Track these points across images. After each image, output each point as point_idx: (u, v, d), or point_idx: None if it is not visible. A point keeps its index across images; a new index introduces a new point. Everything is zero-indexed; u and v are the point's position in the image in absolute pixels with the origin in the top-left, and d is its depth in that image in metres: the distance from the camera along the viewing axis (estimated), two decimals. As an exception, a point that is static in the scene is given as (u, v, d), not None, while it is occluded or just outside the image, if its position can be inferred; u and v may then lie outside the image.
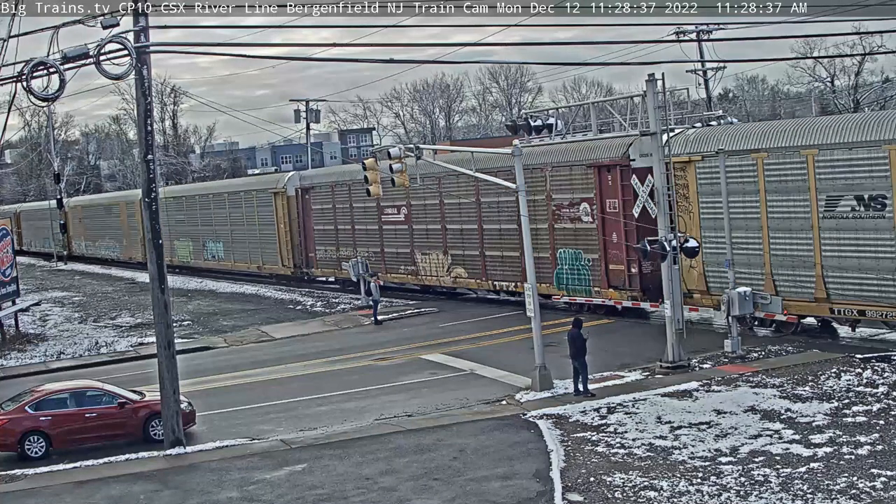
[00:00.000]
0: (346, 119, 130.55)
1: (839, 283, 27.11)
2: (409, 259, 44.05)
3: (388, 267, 44.97)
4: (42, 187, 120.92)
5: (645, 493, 16.81)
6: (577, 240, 35.27)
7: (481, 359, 29.83)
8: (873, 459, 17.58)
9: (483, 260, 39.63)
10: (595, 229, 34.25)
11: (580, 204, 34.89)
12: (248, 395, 28.21)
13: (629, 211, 32.61)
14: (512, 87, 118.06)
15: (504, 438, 20.94)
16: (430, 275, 42.92)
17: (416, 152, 28.07)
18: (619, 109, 29.54)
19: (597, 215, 33.98)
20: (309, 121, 77.15)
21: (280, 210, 52.59)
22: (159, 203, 23.19)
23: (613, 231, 33.63)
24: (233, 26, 37.64)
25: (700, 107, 57.39)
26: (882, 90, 74.77)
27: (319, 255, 50.44)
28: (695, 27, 55.77)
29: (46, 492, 20.05)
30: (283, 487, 18.93)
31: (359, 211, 46.67)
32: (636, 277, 32.99)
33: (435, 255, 42.46)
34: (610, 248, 33.88)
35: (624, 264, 33.38)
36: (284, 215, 52.24)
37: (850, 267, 26.80)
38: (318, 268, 51.04)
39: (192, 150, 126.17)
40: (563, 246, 35.78)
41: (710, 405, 22.10)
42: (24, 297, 48.09)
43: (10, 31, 21.36)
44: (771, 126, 30.65)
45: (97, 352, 37.73)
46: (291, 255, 52.49)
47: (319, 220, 50.11)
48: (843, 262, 27.01)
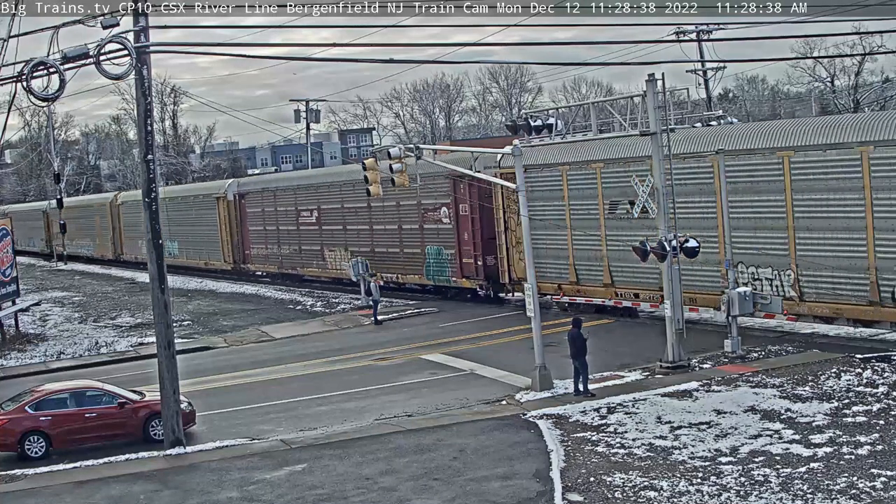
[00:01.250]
0: (346, 119, 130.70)
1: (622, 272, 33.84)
2: (320, 255, 50.89)
3: (304, 262, 52.33)
4: (42, 187, 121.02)
5: (645, 493, 16.81)
6: (440, 238, 42.03)
7: (481, 359, 29.83)
8: (873, 459, 17.58)
9: (373, 255, 45.63)
10: (452, 229, 41.13)
11: (441, 208, 41.84)
12: (248, 395, 28.21)
13: (476, 215, 39.96)
14: (512, 87, 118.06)
15: (504, 438, 20.95)
16: (336, 268, 49.36)
17: (416, 152, 28.11)
18: (619, 109, 29.51)
19: (452, 217, 40.96)
20: (309, 121, 77.22)
21: (222, 213, 59.50)
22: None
23: (465, 231, 40.51)
24: (233, 26, 37.89)
25: (700, 107, 57.41)
26: (882, 90, 74.75)
27: (254, 252, 57.68)
28: (695, 27, 55.79)
29: (46, 492, 20.05)
30: (283, 487, 18.93)
31: (282, 214, 53.86)
32: (482, 269, 40.08)
33: (339, 252, 49.13)
34: (463, 245, 40.76)
35: (472, 258, 40.47)
36: (225, 217, 59.26)
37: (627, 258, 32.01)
38: (253, 263, 58.29)
39: (192, 150, 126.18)
40: (430, 243, 42.63)
41: (710, 405, 22.10)
42: (24, 297, 48.09)
43: (10, 31, 21.37)
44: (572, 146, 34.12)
45: (97, 352, 37.73)
46: (231, 253, 59.51)
47: (253, 222, 57.18)
48: (622, 255, 32.96)
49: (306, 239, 51.87)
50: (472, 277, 40.60)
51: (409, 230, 43.81)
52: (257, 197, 56.83)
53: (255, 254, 57.60)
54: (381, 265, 44.94)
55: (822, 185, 27.41)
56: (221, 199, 59.62)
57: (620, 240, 32.94)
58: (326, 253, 50.25)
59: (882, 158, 25.98)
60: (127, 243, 73.67)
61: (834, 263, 27.20)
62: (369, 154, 77.08)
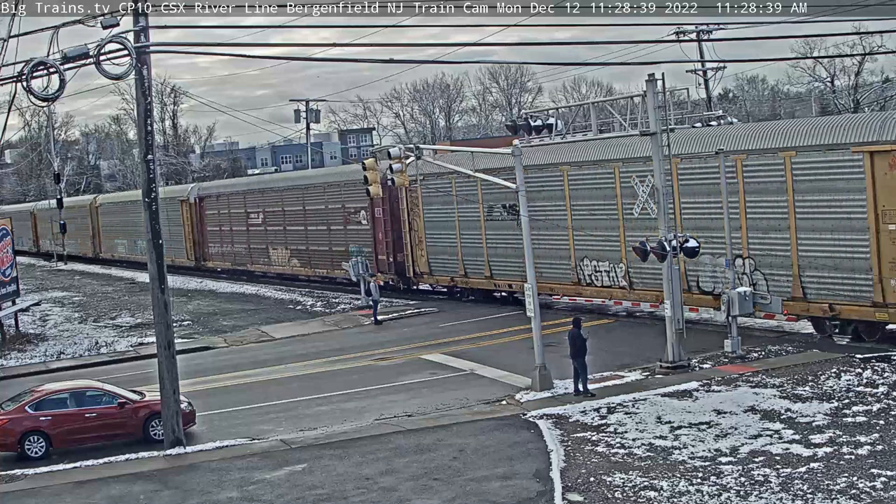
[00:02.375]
0: (346, 119, 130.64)
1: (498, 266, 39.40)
2: (265, 253, 56.64)
3: (253, 260, 58.21)
4: (42, 187, 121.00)
5: (645, 493, 16.81)
6: (359, 237, 47.58)
7: (481, 359, 29.83)
8: (873, 459, 17.58)
9: (308, 253, 52.08)
10: (370, 230, 46.62)
11: (360, 211, 47.11)
12: (248, 395, 28.21)
13: (387, 217, 45.35)
14: (512, 87, 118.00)
15: (504, 438, 20.94)
16: (279, 265, 55.43)
17: (416, 152, 28.14)
18: (619, 109, 29.53)
19: (369, 219, 46.56)
20: (309, 121, 77.19)
21: (185, 214, 64.80)
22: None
23: (379, 231, 45.96)
24: (233, 26, 37.67)
25: (700, 107, 57.34)
26: (882, 90, 74.71)
27: (212, 250, 63.38)
28: (695, 27, 55.71)
29: (46, 492, 20.05)
30: (283, 487, 18.93)
31: (234, 216, 59.74)
32: (393, 265, 45.40)
33: (281, 250, 55.08)
34: (377, 244, 46.10)
35: (385, 255, 45.75)
36: (188, 219, 64.68)
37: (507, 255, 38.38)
38: (211, 260, 63.48)
39: (192, 150, 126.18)
40: (353, 242, 48.00)
41: (710, 405, 22.10)
42: (24, 297, 48.09)
43: (10, 31, 21.34)
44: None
45: (97, 352, 37.73)
46: (193, 251, 64.80)
47: (211, 223, 62.68)
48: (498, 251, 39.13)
49: (254, 238, 57.84)
50: (384, 272, 45.43)
51: (336, 231, 49.52)
52: (214, 200, 62.53)
53: (213, 252, 63.16)
54: (316, 262, 51.51)
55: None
56: (185, 202, 64.76)
57: (497, 239, 39.05)
58: (271, 251, 56.07)
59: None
60: (105, 242, 79.71)
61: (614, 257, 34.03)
62: (369, 154, 77.08)
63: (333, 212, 49.44)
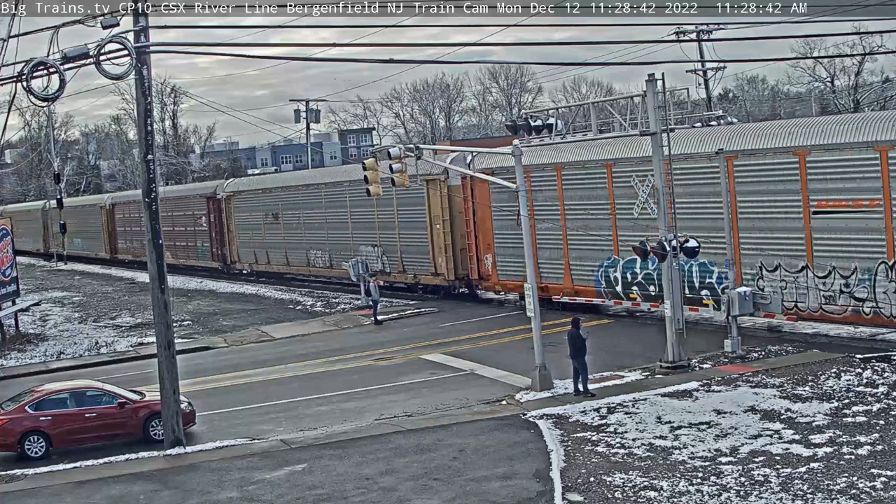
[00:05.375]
0: (346, 119, 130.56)
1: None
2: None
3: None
4: (42, 187, 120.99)
5: (645, 493, 16.81)
6: (198, 237, 63.44)
7: (481, 359, 29.83)
8: (873, 459, 17.58)
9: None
10: (207, 232, 62.36)
11: (203, 217, 62.79)
12: (248, 395, 28.21)
13: (213, 221, 61.24)
14: (512, 87, 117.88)
15: (504, 438, 20.94)
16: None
17: (416, 152, 28.12)
18: (619, 109, 29.52)
19: (206, 223, 62.05)
20: (309, 121, 77.16)
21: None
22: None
23: (214, 231, 61.33)
24: (233, 26, 37.77)
25: (700, 107, 57.34)
26: (882, 90, 74.69)
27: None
28: (695, 27, 55.73)
29: (46, 492, 20.05)
30: (283, 487, 18.93)
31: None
32: (218, 256, 60.51)
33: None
34: (213, 242, 61.75)
35: (218, 248, 61.02)
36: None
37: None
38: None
39: (192, 150, 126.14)
40: (199, 240, 62.93)
41: (710, 405, 22.10)
42: (24, 297, 48.08)
43: (10, 31, 21.35)
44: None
45: (97, 352, 37.73)
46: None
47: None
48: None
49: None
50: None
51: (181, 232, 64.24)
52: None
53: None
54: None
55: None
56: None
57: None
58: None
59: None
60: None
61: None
62: (369, 154, 77.07)
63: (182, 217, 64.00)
